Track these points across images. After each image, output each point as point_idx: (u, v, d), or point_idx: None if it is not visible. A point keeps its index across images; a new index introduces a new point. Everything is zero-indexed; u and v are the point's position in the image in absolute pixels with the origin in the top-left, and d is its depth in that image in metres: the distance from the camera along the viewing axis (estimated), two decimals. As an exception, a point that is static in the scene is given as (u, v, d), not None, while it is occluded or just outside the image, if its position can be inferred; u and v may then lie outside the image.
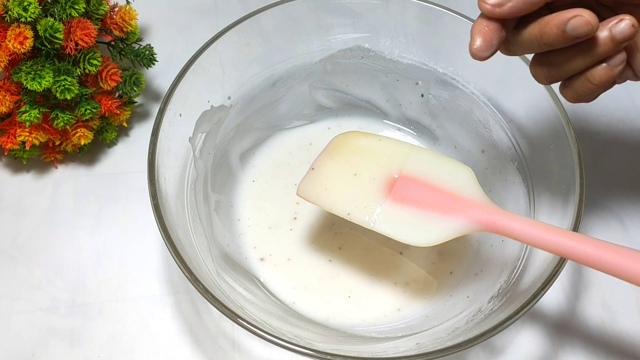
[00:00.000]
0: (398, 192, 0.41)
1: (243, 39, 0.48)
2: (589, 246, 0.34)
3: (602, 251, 0.33)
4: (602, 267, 0.34)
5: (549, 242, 0.35)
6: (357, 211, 0.40)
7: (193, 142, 0.45)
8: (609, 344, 0.47)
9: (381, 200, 0.40)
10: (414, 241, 0.39)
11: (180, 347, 0.45)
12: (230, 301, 0.37)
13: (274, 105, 0.53)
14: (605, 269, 0.33)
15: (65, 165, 0.54)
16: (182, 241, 0.39)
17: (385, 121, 0.56)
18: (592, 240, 0.34)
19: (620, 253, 0.33)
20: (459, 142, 0.53)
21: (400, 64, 0.52)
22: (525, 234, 0.37)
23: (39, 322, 0.46)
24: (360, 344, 0.42)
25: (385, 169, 0.41)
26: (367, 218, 0.40)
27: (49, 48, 0.46)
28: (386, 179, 0.41)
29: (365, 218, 0.40)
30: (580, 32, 0.31)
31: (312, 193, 0.42)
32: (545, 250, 0.36)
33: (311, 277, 0.47)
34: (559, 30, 0.32)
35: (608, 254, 0.33)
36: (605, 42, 0.32)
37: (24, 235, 0.50)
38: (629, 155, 0.56)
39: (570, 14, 0.31)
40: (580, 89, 0.35)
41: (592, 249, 0.34)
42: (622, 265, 0.33)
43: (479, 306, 0.41)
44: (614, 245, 0.34)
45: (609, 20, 0.32)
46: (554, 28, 0.32)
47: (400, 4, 0.49)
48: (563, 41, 0.32)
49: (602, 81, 0.34)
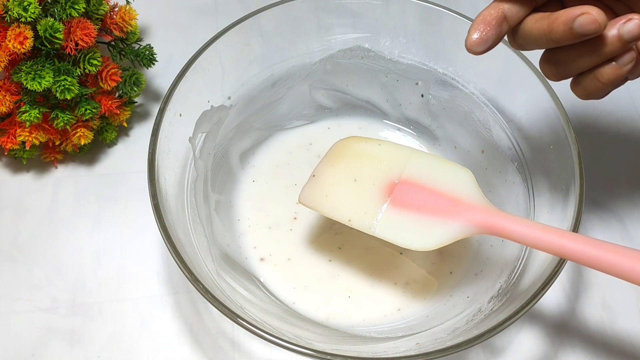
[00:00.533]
0: (398, 197, 0.41)
1: (243, 39, 0.48)
2: (588, 246, 0.34)
3: (602, 251, 0.33)
4: (602, 267, 0.34)
5: (548, 243, 0.35)
6: (358, 217, 0.41)
7: (193, 142, 0.45)
8: (609, 344, 0.47)
9: (381, 206, 0.40)
10: (414, 246, 0.39)
11: (180, 347, 0.45)
12: (230, 301, 0.37)
13: (274, 105, 0.53)
14: (604, 269, 0.33)
15: (65, 165, 0.54)
16: (182, 241, 0.39)
17: (385, 121, 0.56)
18: (591, 240, 0.34)
19: (620, 253, 0.33)
20: (459, 143, 0.53)
21: (400, 64, 0.52)
22: (524, 236, 0.37)
23: (39, 322, 0.46)
24: (360, 344, 0.42)
25: (385, 174, 0.41)
26: (367, 223, 0.40)
27: (49, 48, 0.46)
28: (386, 183, 0.41)
29: (365, 223, 0.40)
30: (587, 30, 0.31)
31: (314, 200, 0.43)
32: (545, 251, 0.36)
33: (311, 277, 0.47)
34: (567, 27, 0.31)
35: (607, 254, 0.33)
36: (613, 41, 0.32)
37: (24, 235, 0.50)
38: (629, 155, 0.56)
39: (579, 11, 0.31)
40: (589, 87, 0.35)
41: (592, 249, 0.34)
42: (622, 265, 0.33)
43: (479, 306, 0.41)
44: (613, 245, 0.34)
45: (619, 19, 0.32)
46: (562, 25, 0.32)
47: (400, 4, 0.49)
48: (571, 38, 0.32)
49: (611, 80, 0.34)
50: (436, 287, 0.47)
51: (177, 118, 0.43)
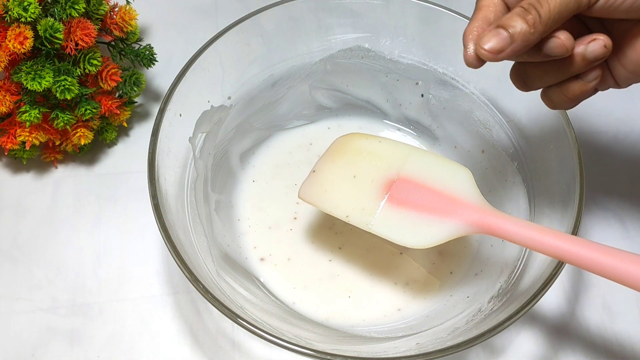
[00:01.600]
0: (395, 195, 0.41)
1: (243, 39, 0.48)
2: (584, 248, 0.34)
3: (598, 254, 0.33)
4: (597, 270, 0.34)
5: (544, 244, 0.36)
6: (356, 213, 0.41)
7: (193, 142, 0.45)
8: (609, 344, 0.47)
9: (379, 203, 0.41)
10: (409, 243, 0.39)
11: (180, 347, 0.45)
12: (230, 301, 0.37)
13: (274, 105, 0.53)
14: (600, 272, 0.33)
15: (65, 165, 0.54)
16: (182, 241, 0.39)
17: (385, 121, 0.56)
18: (588, 242, 0.34)
19: (616, 256, 0.33)
20: (459, 142, 0.53)
21: (400, 64, 0.52)
22: (519, 236, 0.37)
23: (39, 322, 0.46)
24: (360, 344, 0.42)
25: (384, 171, 0.42)
26: (364, 220, 0.40)
27: (49, 48, 0.46)
28: (384, 181, 0.41)
29: (363, 220, 0.40)
30: (555, 53, 0.32)
31: (313, 195, 0.43)
32: (540, 252, 0.36)
33: (311, 277, 0.47)
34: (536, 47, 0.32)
35: (603, 257, 0.33)
36: (578, 60, 0.33)
37: (24, 235, 0.50)
38: (629, 155, 0.56)
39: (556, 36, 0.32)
40: (556, 100, 0.36)
41: (587, 252, 0.34)
42: (617, 268, 0.33)
43: (479, 306, 0.41)
44: (610, 248, 0.34)
45: (585, 38, 0.32)
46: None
47: (400, 4, 0.49)
48: (539, 57, 0.33)
49: (576, 95, 0.35)
50: (436, 287, 0.47)
51: (177, 118, 0.43)
